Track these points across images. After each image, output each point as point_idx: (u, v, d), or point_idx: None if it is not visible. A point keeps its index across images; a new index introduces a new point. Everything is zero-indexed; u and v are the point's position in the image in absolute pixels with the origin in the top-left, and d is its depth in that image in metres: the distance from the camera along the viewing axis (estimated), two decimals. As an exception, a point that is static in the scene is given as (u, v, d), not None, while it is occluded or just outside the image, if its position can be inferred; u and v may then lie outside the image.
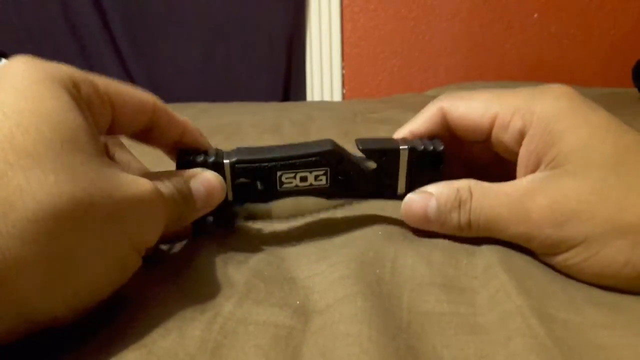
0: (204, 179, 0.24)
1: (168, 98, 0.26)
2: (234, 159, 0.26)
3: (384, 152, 0.26)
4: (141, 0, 1.29)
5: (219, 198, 0.25)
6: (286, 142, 0.27)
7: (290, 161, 0.26)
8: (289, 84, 1.37)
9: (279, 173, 0.26)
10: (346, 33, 1.38)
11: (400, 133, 0.29)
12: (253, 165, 0.26)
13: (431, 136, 0.28)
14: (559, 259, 0.23)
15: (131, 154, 0.28)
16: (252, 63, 1.34)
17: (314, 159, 0.26)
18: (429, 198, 0.26)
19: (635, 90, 0.92)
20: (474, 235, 0.25)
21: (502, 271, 0.23)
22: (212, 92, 1.30)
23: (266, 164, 0.26)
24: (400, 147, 0.26)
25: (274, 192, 0.27)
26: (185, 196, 0.23)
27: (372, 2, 1.36)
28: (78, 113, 0.19)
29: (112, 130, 0.23)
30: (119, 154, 0.27)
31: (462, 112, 0.26)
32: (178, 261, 0.25)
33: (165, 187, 0.22)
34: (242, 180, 0.26)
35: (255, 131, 0.69)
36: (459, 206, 0.25)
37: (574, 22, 1.35)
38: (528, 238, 0.24)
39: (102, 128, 0.22)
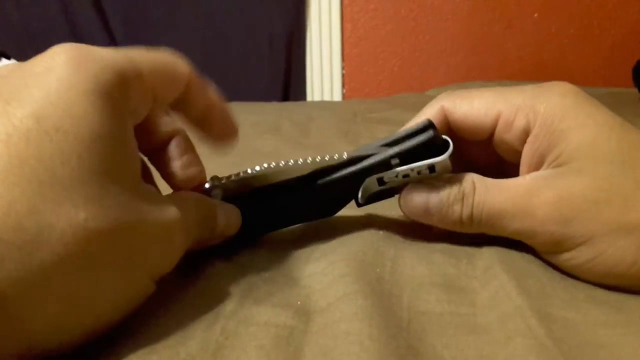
0: (228, 210, 0.25)
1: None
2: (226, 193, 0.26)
3: (373, 168, 0.26)
4: (141, 1, 1.29)
5: (235, 231, 0.25)
6: (286, 141, 0.27)
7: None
8: (289, 84, 1.37)
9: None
10: (346, 33, 1.38)
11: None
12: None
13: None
14: (563, 258, 0.23)
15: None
16: (252, 63, 1.34)
17: (296, 181, 0.26)
18: (430, 190, 0.25)
19: (635, 90, 0.92)
20: (474, 231, 0.25)
21: (502, 271, 0.23)
22: (212, 92, 1.30)
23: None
24: (391, 158, 0.25)
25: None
26: (209, 222, 0.23)
27: (372, 1, 1.36)
28: (120, 132, 0.18)
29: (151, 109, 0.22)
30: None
31: (465, 111, 0.26)
32: (178, 262, 0.25)
33: (193, 211, 0.22)
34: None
35: (255, 131, 0.69)
36: (462, 199, 0.24)
37: (574, 22, 1.35)
38: (532, 234, 0.23)
39: (141, 118, 0.21)
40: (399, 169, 0.25)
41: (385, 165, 0.26)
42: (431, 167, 0.25)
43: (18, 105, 0.16)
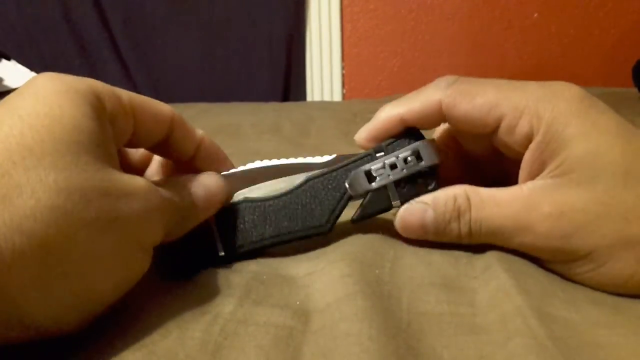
0: (203, 183, 0.25)
1: (168, 98, 0.26)
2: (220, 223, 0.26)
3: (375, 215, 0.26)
4: (141, 1, 1.29)
5: (219, 201, 0.25)
6: (286, 141, 0.27)
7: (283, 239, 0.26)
8: (289, 84, 1.37)
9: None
10: (346, 33, 1.38)
11: (391, 112, 0.27)
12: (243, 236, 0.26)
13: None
14: (565, 268, 0.23)
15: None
16: (252, 63, 1.34)
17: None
18: (425, 209, 0.25)
19: (635, 90, 0.92)
20: (472, 243, 0.25)
21: (502, 271, 0.23)
22: (212, 92, 1.30)
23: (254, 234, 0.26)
24: (393, 202, 0.26)
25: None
26: (184, 198, 0.23)
27: (372, 2, 1.36)
28: (94, 121, 0.19)
29: (133, 142, 0.23)
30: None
31: (465, 110, 0.25)
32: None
33: (164, 188, 0.22)
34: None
35: (255, 131, 0.69)
36: (458, 217, 0.24)
37: (574, 22, 1.35)
38: (534, 248, 0.24)
39: (123, 139, 0.22)
40: (384, 158, 0.26)
41: (369, 156, 0.26)
42: (417, 154, 0.25)
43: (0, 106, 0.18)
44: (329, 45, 1.37)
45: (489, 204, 0.24)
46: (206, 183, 0.25)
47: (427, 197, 0.25)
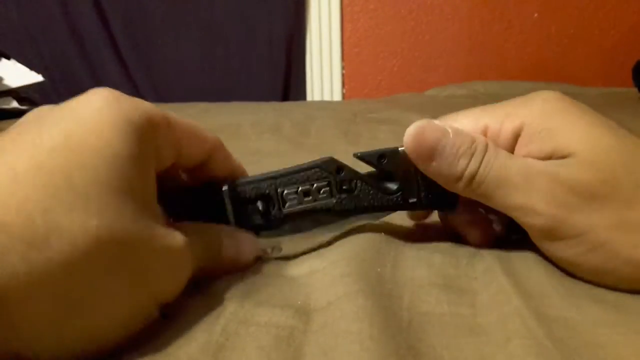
0: (237, 237, 0.24)
1: (168, 98, 0.25)
2: (230, 182, 0.25)
3: (383, 156, 0.26)
4: (141, 1, 1.29)
5: (248, 260, 0.25)
6: (286, 141, 0.27)
7: (290, 176, 0.25)
8: (289, 84, 1.37)
9: (280, 190, 0.25)
10: (346, 33, 1.38)
11: None
12: (253, 184, 0.25)
13: None
14: (556, 247, 0.23)
15: None
16: (252, 63, 1.34)
17: (314, 170, 0.25)
18: (447, 131, 0.24)
19: (635, 90, 0.93)
20: (468, 195, 0.24)
21: (502, 272, 0.23)
22: (212, 92, 1.30)
23: (266, 181, 0.25)
24: (400, 147, 0.25)
25: (277, 217, 0.26)
26: (213, 252, 0.23)
27: (372, 2, 1.36)
28: (143, 162, 0.19)
29: (170, 168, 0.23)
30: None
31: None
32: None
33: (196, 238, 0.22)
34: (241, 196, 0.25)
35: (255, 131, 0.69)
36: (472, 154, 0.24)
37: (574, 22, 1.35)
38: (531, 212, 0.23)
39: (165, 166, 0.22)
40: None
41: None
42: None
43: (51, 126, 0.18)
44: (329, 45, 1.37)
45: (507, 156, 0.24)
46: (240, 237, 0.25)
47: (450, 128, 0.24)
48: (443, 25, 1.36)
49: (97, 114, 0.18)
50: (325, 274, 0.23)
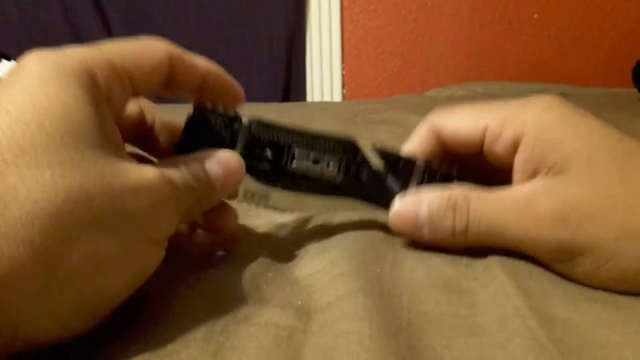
0: (221, 160, 0.23)
1: (168, 98, 0.25)
2: (254, 119, 0.25)
3: (399, 160, 0.27)
4: (141, 1, 1.29)
5: (238, 179, 0.24)
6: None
7: (308, 137, 0.25)
8: (289, 84, 1.37)
9: (293, 147, 0.25)
10: (346, 34, 1.38)
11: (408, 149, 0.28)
12: (272, 130, 0.25)
13: (442, 161, 0.28)
14: (570, 266, 0.23)
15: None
16: (252, 63, 1.34)
17: (332, 143, 0.26)
18: (420, 202, 0.25)
19: (635, 90, 0.93)
20: (468, 245, 0.25)
21: (502, 272, 0.23)
22: (212, 92, 1.30)
23: (285, 133, 0.25)
24: (417, 159, 0.27)
25: (282, 169, 0.25)
26: (201, 179, 0.22)
27: (372, 2, 1.36)
28: (89, 105, 0.18)
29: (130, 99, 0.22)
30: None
31: (453, 126, 0.26)
32: (179, 263, 0.25)
33: (178, 172, 0.21)
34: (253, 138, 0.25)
35: (255, 131, 0.68)
36: (454, 211, 0.24)
37: (574, 23, 1.35)
38: (538, 243, 0.23)
39: (121, 108, 0.21)
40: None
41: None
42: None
43: None
44: (329, 46, 1.37)
45: (491, 199, 0.24)
46: (225, 160, 0.23)
47: (422, 194, 0.25)
48: (443, 26, 1.36)
49: (27, 74, 0.18)
50: (325, 274, 0.23)
